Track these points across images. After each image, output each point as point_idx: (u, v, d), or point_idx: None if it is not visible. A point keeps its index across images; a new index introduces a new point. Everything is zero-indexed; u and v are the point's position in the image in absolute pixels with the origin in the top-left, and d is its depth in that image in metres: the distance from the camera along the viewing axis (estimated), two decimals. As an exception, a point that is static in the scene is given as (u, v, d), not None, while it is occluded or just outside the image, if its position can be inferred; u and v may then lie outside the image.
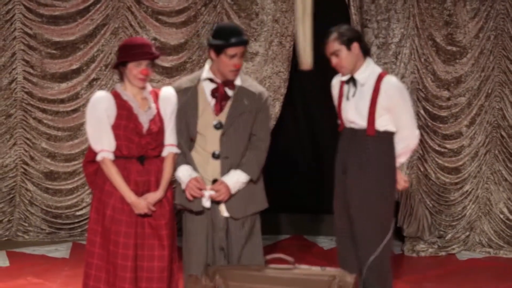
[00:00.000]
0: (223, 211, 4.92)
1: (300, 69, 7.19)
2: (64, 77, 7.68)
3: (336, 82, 5.33)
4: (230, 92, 4.92)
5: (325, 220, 8.28)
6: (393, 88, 5.06)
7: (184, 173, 4.90)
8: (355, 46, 5.08)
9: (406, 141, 5.15)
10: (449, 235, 7.65)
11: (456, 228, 7.67)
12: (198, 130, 4.91)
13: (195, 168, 4.92)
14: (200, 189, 4.85)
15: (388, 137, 5.13)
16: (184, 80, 5.05)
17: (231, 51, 4.80)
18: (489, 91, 7.56)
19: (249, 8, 7.40)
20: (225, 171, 4.90)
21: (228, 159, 4.88)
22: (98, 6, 7.58)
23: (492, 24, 7.46)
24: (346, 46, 5.07)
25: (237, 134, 4.89)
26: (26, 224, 7.80)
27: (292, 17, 7.30)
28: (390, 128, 5.11)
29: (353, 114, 5.11)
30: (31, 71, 7.65)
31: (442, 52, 7.49)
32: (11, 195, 7.77)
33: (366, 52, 5.15)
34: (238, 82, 4.94)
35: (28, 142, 7.73)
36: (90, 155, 4.90)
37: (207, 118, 4.90)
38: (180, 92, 4.94)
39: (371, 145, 5.08)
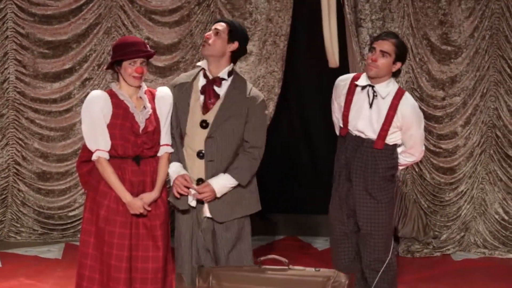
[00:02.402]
0: (206, 211, 4.87)
1: (330, 67, 7.16)
2: (56, 77, 7.64)
3: (344, 84, 5.23)
4: (220, 92, 4.86)
5: (320, 221, 8.25)
6: (410, 109, 5.09)
7: (174, 170, 4.87)
8: (398, 65, 5.10)
9: (413, 157, 5.24)
10: (444, 236, 7.63)
11: (451, 228, 7.65)
12: (187, 127, 4.86)
13: (185, 166, 4.88)
14: (188, 187, 4.81)
15: (394, 149, 5.17)
16: (182, 76, 5.04)
17: None
18: (484, 91, 7.54)
19: (243, 7, 7.37)
20: (209, 173, 4.83)
21: (212, 162, 4.82)
22: (90, 5, 7.54)
23: (487, 23, 7.45)
24: (394, 58, 5.06)
25: (224, 139, 4.81)
26: (18, 225, 7.75)
27: (286, 17, 7.29)
28: (399, 142, 5.15)
29: (365, 125, 5.10)
30: (24, 70, 7.61)
31: (437, 51, 7.47)
32: (3, 196, 7.73)
33: (396, 74, 5.16)
34: (231, 82, 4.88)
35: (20, 142, 7.68)
36: (83, 155, 4.88)
37: (195, 115, 4.85)
38: (176, 87, 4.92)
39: (378, 157, 5.10)
